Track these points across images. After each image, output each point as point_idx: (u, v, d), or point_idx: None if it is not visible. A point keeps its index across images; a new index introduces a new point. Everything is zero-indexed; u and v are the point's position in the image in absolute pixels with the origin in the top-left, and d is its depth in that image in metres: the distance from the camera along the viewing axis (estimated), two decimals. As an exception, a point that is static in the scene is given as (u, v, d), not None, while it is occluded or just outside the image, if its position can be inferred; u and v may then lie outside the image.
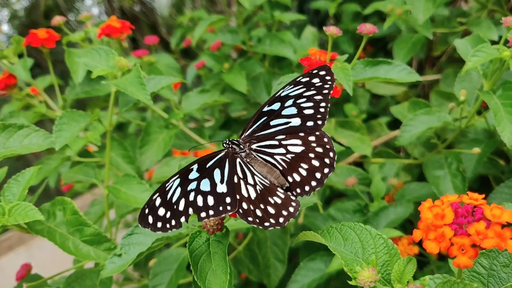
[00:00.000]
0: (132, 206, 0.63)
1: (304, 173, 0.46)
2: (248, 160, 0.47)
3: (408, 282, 0.41)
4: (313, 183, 0.45)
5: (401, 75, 0.66)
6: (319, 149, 0.46)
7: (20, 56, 0.81)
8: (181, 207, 0.42)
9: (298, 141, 0.47)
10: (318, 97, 0.49)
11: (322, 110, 0.48)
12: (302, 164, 0.46)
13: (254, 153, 0.48)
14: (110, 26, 0.79)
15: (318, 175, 0.45)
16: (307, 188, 0.45)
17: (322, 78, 0.49)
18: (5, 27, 2.97)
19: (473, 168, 0.76)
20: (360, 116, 1.10)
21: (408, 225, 0.89)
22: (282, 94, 0.50)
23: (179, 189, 0.43)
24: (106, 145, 0.66)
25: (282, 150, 0.48)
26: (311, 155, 0.46)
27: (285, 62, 1.16)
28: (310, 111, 0.48)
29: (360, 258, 0.44)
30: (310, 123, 0.48)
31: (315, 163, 0.46)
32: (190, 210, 0.42)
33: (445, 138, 0.82)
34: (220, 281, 0.42)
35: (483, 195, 0.40)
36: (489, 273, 0.44)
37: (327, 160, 0.46)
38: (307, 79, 0.49)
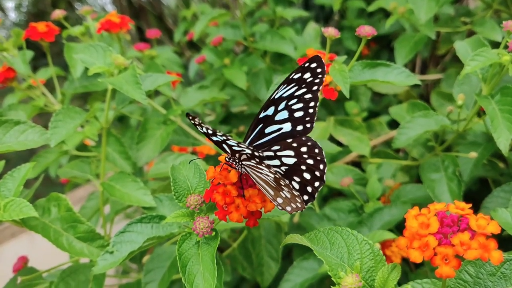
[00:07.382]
0: (126, 203, 0.64)
1: (297, 186, 0.45)
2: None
3: (391, 289, 0.41)
4: (305, 197, 0.45)
5: (400, 78, 0.65)
6: (310, 161, 0.45)
7: (21, 48, 0.81)
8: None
9: (291, 152, 0.46)
10: (308, 96, 0.47)
11: (311, 111, 0.47)
12: (295, 177, 0.45)
13: None
14: (110, 21, 0.79)
15: (309, 189, 0.45)
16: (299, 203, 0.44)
17: (313, 72, 0.47)
18: (13, 15, 2.98)
19: (469, 172, 0.75)
20: (361, 114, 1.09)
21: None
22: (276, 96, 0.48)
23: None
24: (102, 142, 0.67)
25: (277, 162, 0.46)
26: (303, 167, 0.45)
27: (286, 58, 1.15)
28: (300, 113, 0.47)
29: (346, 263, 0.44)
30: (300, 127, 0.47)
31: (307, 176, 0.45)
32: None
33: (444, 139, 0.81)
34: (208, 284, 0.42)
35: (470, 205, 0.39)
36: (475, 281, 0.44)
37: (317, 173, 0.44)
38: (299, 75, 0.47)
